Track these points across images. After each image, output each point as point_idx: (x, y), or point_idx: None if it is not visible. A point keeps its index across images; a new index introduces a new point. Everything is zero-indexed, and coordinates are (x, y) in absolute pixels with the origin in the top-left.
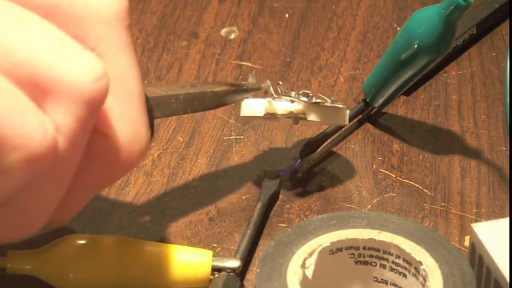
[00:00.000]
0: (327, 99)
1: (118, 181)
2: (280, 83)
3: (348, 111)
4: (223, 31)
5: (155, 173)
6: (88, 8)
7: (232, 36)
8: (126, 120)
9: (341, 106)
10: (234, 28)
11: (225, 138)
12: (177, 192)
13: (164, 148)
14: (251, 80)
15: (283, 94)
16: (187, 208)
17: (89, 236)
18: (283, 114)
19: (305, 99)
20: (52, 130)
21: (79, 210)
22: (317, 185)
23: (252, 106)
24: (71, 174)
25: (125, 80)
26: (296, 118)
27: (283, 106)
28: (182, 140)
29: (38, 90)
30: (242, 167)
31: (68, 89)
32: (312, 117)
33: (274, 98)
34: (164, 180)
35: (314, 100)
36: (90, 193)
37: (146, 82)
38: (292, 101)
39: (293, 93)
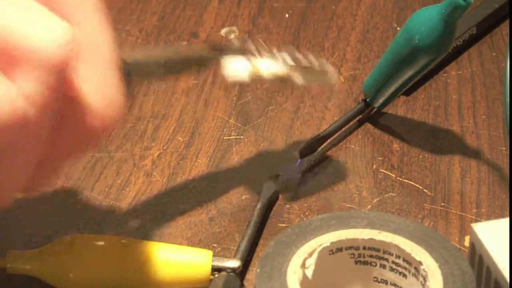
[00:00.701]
0: (314, 61)
1: (118, 181)
2: (261, 41)
3: (334, 72)
4: (223, 31)
5: (155, 173)
6: None
7: (232, 36)
8: (98, 85)
9: (328, 69)
10: (234, 28)
11: (225, 138)
12: (177, 192)
13: (164, 148)
14: (236, 44)
15: (267, 52)
16: (187, 208)
17: (89, 236)
18: (268, 76)
19: (290, 61)
20: (19, 99)
21: (56, 178)
22: (317, 185)
23: (236, 68)
24: (42, 141)
25: (96, 45)
26: (282, 79)
27: (269, 68)
28: (182, 140)
29: (4, 58)
30: (242, 167)
31: (34, 55)
32: (299, 80)
33: (258, 59)
34: (164, 180)
35: (300, 61)
36: (65, 160)
37: (146, 81)
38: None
39: (276, 53)
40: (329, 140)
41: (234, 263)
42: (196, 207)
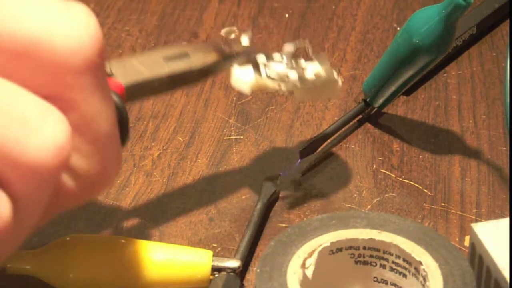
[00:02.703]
0: (321, 71)
1: (118, 181)
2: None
3: (340, 84)
4: (223, 31)
5: (155, 173)
6: (55, 57)
7: (232, 36)
8: (94, 160)
9: (332, 81)
10: (234, 28)
11: (225, 138)
12: (177, 192)
13: (164, 148)
14: (244, 40)
15: (274, 61)
16: (187, 208)
17: (89, 236)
18: (272, 89)
19: (295, 76)
20: (6, 213)
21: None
22: (317, 185)
23: (241, 80)
24: (30, 228)
25: (95, 122)
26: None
27: (272, 84)
28: (182, 140)
29: None
30: (242, 167)
31: (27, 167)
32: (300, 97)
33: (261, 76)
34: (164, 180)
35: (305, 74)
36: (49, 218)
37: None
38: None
39: (284, 60)
40: (329, 140)
41: (234, 263)
42: (196, 207)
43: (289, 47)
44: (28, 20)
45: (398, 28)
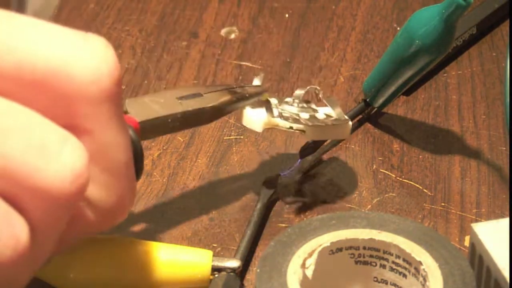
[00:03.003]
0: (330, 111)
1: None
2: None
3: (350, 124)
4: (223, 31)
5: (155, 173)
6: (73, 87)
7: (232, 36)
8: (110, 189)
9: (342, 122)
10: (234, 28)
11: (225, 138)
12: (177, 192)
13: (164, 148)
14: (256, 82)
15: (285, 103)
16: (187, 208)
17: (89, 236)
18: (283, 128)
19: (306, 116)
20: (24, 238)
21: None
22: (317, 185)
23: (252, 119)
24: (47, 254)
25: (111, 152)
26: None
27: (283, 123)
28: (182, 140)
29: (14, 190)
30: (242, 167)
31: (45, 194)
32: (311, 136)
33: (273, 117)
34: (164, 180)
35: (316, 115)
36: (66, 246)
37: (146, 82)
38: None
39: (295, 103)
40: (329, 140)
41: (234, 263)
42: (196, 207)
43: (299, 92)
44: (47, 50)
45: (398, 28)
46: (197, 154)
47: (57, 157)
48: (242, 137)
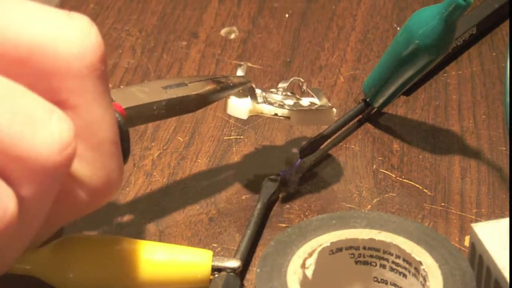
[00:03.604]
0: (315, 100)
1: None
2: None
3: (334, 111)
4: (223, 31)
5: (155, 173)
6: (58, 62)
7: (232, 36)
8: (97, 166)
9: (326, 108)
10: (234, 28)
11: (225, 138)
12: (177, 192)
13: (164, 148)
14: (239, 72)
15: (270, 92)
16: (187, 208)
17: (89, 236)
18: (268, 115)
19: (291, 102)
20: (12, 208)
21: (47, 238)
22: (317, 185)
23: (237, 107)
24: (35, 228)
25: (97, 128)
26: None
27: (268, 108)
28: (182, 140)
29: (2, 160)
30: (242, 167)
31: (32, 163)
32: (296, 122)
33: (258, 103)
34: (164, 180)
35: (300, 102)
36: (56, 227)
37: (146, 82)
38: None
39: (279, 92)
40: (329, 140)
41: (234, 263)
42: (196, 207)
43: (283, 84)
44: (31, 27)
45: (398, 28)
46: (197, 154)
47: (44, 127)
48: (242, 137)
